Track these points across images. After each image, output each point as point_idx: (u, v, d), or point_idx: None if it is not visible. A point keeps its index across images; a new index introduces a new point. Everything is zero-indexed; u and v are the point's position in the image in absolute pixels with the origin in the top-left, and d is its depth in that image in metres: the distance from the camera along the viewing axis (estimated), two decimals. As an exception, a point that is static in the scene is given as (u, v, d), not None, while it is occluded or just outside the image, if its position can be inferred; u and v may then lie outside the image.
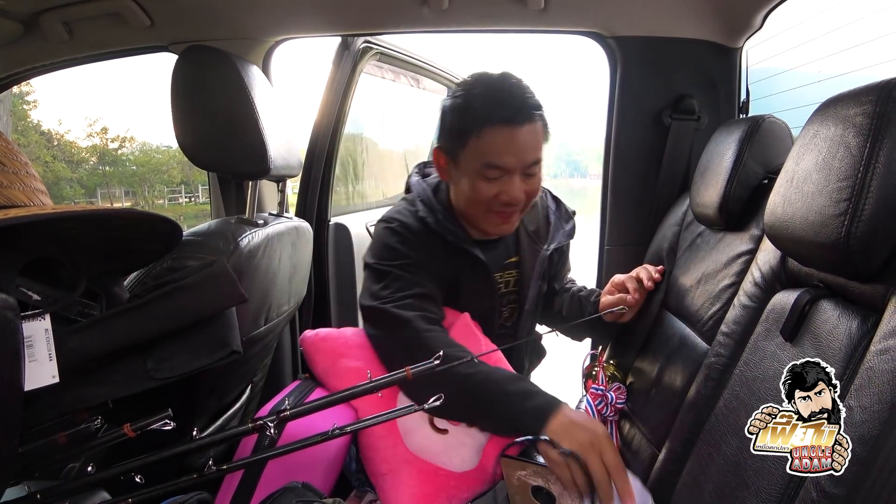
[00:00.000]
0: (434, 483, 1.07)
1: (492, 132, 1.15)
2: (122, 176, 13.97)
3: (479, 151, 1.16)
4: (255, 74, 1.28)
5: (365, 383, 0.80)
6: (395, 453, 1.10)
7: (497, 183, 1.17)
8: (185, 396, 1.18)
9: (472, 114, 1.16)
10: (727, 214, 1.14)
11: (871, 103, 0.70)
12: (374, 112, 2.65)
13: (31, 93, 12.06)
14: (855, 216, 0.69)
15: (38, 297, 0.73)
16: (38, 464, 0.73)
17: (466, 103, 1.18)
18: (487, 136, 1.15)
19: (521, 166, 1.17)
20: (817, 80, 4.37)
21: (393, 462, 1.09)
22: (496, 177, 1.17)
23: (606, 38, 1.60)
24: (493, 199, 1.18)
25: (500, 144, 1.15)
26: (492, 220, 1.23)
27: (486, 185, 1.18)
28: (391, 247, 1.23)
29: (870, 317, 0.72)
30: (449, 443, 1.11)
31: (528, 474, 1.04)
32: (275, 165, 1.25)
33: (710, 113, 1.57)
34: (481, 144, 1.16)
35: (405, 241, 1.23)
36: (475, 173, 1.18)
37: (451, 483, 1.09)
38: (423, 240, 1.24)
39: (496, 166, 1.16)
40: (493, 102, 1.15)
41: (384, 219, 1.29)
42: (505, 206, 1.19)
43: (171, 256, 1.07)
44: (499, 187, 1.18)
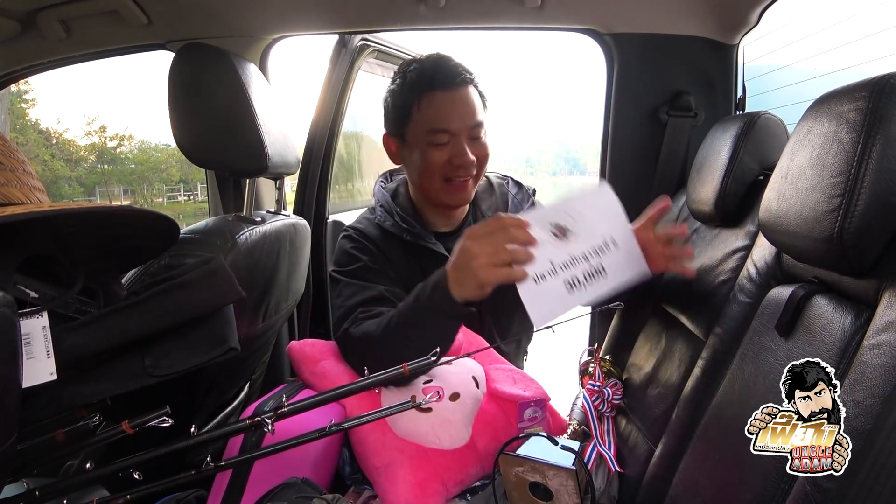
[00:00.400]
0: (427, 467, 1.08)
1: (430, 98, 1.23)
2: (121, 174, 13.94)
3: (422, 120, 1.24)
4: (253, 72, 1.28)
5: (363, 379, 0.81)
6: (385, 442, 1.10)
7: (446, 148, 1.24)
8: (183, 393, 1.19)
9: (409, 88, 1.25)
10: (723, 211, 1.14)
11: (864, 99, 0.70)
12: (372, 109, 2.64)
13: (29, 91, 12.02)
14: (848, 212, 0.69)
15: (35, 294, 0.74)
16: (36, 461, 0.74)
17: (402, 82, 1.27)
18: (426, 103, 1.24)
19: (465, 128, 1.24)
20: (813, 77, 4.37)
21: (384, 453, 1.10)
22: (444, 142, 1.24)
23: (603, 35, 1.60)
24: (445, 165, 1.24)
25: (440, 109, 1.23)
26: (449, 191, 1.28)
27: (436, 152, 1.24)
28: (347, 252, 1.30)
29: (863, 312, 0.72)
30: (434, 421, 1.11)
31: (525, 470, 1.05)
32: (272, 163, 1.26)
33: (706, 109, 1.58)
34: (423, 113, 1.24)
35: (359, 247, 1.30)
36: (424, 144, 1.24)
37: (443, 463, 1.09)
38: (379, 243, 1.31)
39: (441, 129, 1.23)
40: (426, 73, 1.24)
41: (344, 227, 1.37)
42: (458, 170, 1.25)
43: (169, 254, 1.08)
44: (449, 152, 1.24)
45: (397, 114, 1.28)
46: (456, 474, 1.10)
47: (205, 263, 0.84)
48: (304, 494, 0.88)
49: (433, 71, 1.24)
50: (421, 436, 1.11)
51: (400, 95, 1.27)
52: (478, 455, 1.12)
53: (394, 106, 1.28)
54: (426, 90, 1.23)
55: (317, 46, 1.96)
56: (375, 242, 1.31)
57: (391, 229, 1.31)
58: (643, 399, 1.23)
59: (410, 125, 1.26)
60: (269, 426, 0.77)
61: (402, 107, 1.26)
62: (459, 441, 1.12)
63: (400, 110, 1.27)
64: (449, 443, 1.11)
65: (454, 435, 1.12)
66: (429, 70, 1.25)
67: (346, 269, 1.27)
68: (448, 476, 1.09)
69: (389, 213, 1.33)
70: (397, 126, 1.29)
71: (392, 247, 1.32)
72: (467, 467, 1.11)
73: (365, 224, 1.35)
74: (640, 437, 1.20)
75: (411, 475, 1.07)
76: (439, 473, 1.09)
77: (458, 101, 1.24)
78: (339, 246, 1.34)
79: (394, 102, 1.28)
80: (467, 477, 1.12)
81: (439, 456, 1.10)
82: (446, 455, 1.10)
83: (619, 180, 1.66)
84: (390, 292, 1.23)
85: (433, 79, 1.23)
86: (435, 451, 1.10)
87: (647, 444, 1.17)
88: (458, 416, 1.13)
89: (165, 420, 0.73)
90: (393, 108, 1.29)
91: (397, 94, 1.27)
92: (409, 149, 1.28)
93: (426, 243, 1.31)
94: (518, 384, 1.20)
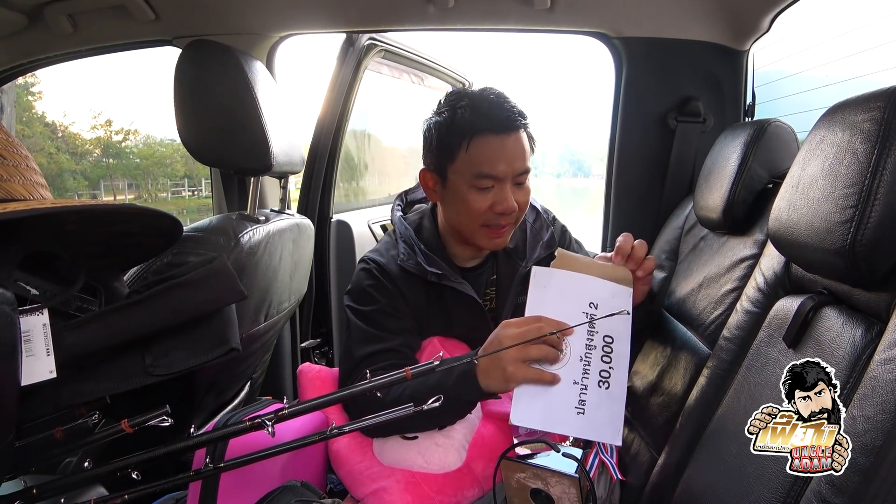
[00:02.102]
0: (417, 491, 1.06)
1: (481, 142, 1.15)
2: (126, 168, 13.96)
3: (469, 163, 1.16)
4: (259, 70, 1.27)
5: (364, 383, 0.80)
6: (372, 472, 1.10)
7: (490, 194, 1.17)
8: (183, 393, 1.19)
9: (459, 126, 1.16)
10: (731, 218, 1.13)
11: (879, 109, 0.69)
12: (378, 109, 2.64)
13: (36, 84, 12.04)
14: (861, 223, 0.68)
15: (36, 291, 0.73)
16: (34, 458, 0.73)
17: (452, 117, 1.17)
18: (477, 146, 1.15)
19: (511, 175, 1.17)
20: (824, 85, 4.34)
21: (372, 482, 1.09)
22: (488, 187, 1.16)
23: (612, 38, 1.59)
24: (487, 211, 1.17)
25: (490, 153, 1.15)
26: (486, 235, 1.21)
27: (478, 197, 1.17)
28: (364, 289, 1.23)
29: (874, 325, 0.71)
30: (421, 446, 1.10)
31: (527, 476, 1.04)
32: (277, 162, 1.25)
33: (715, 116, 1.57)
34: (471, 155, 1.15)
35: (377, 286, 1.22)
36: (467, 186, 1.17)
37: (434, 486, 1.07)
38: (399, 283, 1.23)
39: (488, 175, 1.15)
40: (480, 113, 1.16)
41: (365, 258, 1.29)
42: (499, 216, 1.18)
43: (171, 252, 1.07)
44: (492, 198, 1.17)
45: (441, 150, 1.19)
46: (450, 497, 1.08)
47: (207, 262, 0.84)
48: (303, 498, 0.87)
49: (487, 113, 1.15)
50: (409, 462, 1.09)
51: (447, 132, 1.17)
52: (475, 478, 1.11)
53: (438, 141, 1.19)
54: (477, 133, 1.15)
55: (324, 45, 1.96)
56: (395, 282, 1.23)
57: (413, 270, 1.23)
58: (647, 407, 1.22)
59: (454, 164, 1.17)
60: (269, 428, 0.76)
61: (447, 145, 1.17)
62: (450, 466, 1.10)
63: (445, 148, 1.18)
64: (439, 467, 1.09)
65: (444, 459, 1.10)
66: (483, 110, 1.16)
67: (360, 308, 1.21)
68: (441, 499, 1.08)
69: (412, 249, 1.25)
70: (440, 162, 1.20)
71: (412, 289, 1.24)
72: (463, 490, 1.09)
73: (386, 259, 1.26)
74: (643, 445, 1.19)
75: (400, 498, 1.05)
76: (431, 496, 1.07)
77: (509, 146, 1.15)
78: (356, 277, 1.27)
79: (439, 138, 1.19)
80: (464, 499, 1.10)
81: (430, 480, 1.08)
82: (437, 479, 1.08)
83: (627, 186, 1.65)
84: (403, 346, 1.18)
85: (487, 120, 1.15)
86: (425, 475, 1.08)
87: (649, 452, 1.16)
88: (447, 441, 1.11)
89: (165, 419, 0.72)
90: (438, 144, 1.20)
91: (444, 129, 1.18)
92: (449, 189, 1.20)
93: (451, 283, 1.25)
94: None
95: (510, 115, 1.16)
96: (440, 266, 1.23)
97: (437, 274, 1.23)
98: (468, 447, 1.12)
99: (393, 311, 1.21)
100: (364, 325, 1.19)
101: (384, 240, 1.34)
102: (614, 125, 1.66)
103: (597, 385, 0.97)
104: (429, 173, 1.24)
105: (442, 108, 1.20)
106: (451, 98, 1.20)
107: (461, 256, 1.30)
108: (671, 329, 1.25)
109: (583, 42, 1.67)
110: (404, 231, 1.29)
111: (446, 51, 2.52)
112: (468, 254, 1.30)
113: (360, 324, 1.20)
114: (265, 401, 1.21)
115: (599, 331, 0.99)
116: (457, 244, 1.29)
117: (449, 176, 1.19)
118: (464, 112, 1.16)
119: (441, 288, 1.25)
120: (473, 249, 1.29)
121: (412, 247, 1.25)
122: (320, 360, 1.92)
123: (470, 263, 1.32)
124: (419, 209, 1.37)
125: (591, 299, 1.01)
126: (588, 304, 1.01)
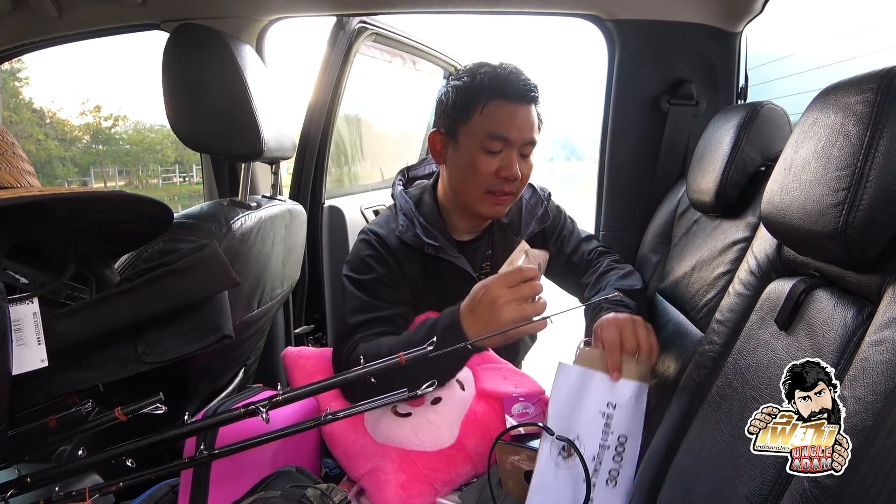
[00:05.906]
0: (411, 469, 1.08)
1: (497, 105, 1.21)
2: (116, 155, 13.80)
3: (483, 123, 1.21)
4: (249, 54, 1.26)
5: (358, 369, 0.80)
6: (366, 450, 1.11)
7: (497, 158, 1.22)
8: (176, 380, 1.18)
9: (479, 88, 1.22)
10: (723, 201, 1.13)
11: (871, 91, 0.69)
12: (370, 93, 2.62)
13: (23, 69, 11.83)
14: (853, 205, 0.68)
15: (25, 280, 0.72)
16: (28, 447, 0.73)
17: (472, 80, 1.23)
18: (493, 108, 1.21)
19: (520, 142, 1.22)
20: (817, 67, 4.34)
21: (367, 460, 1.11)
22: (497, 150, 1.21)
23: (605, 20, 1.58)
24: (492, 175, 1.22)
25: (504, 117, 1.21)
26: (487, 201, 1.25)
27: (486, 160, 1.21)
28: (362, 259, 1.27)
29: (865, 307, 0.71)
30: (414, 424, 1.12)
31: (521, 459, 1.05)
32: (268, 147, 1.24)
33: (708, 98, 1.56)
34: (486, 116, 1.21)
35: (375, 256, 1.27)
36: (477, 146, 1.22)
37: (428, 464, 1.09)
38: (398, 255, 1.28)
39: (500, 137, 1.20)
40: (499, 80, 1.22)
41: (365, 229, 1.33)
42: (503, 181, 1.23)
43: (162, 239, 1.07)
44: (499, 161, 1.22)
45: (457, 110, 1.24)
46: (443, 475, 1.10)
47: (199, 249, 0.83)
48: (298, 483, 0.87)
49: (506, 79, 1.22)
50: (403, 440, 1.11)
51: (466, 93, 1.23)
52: (467, 455, 1.12)
53: (455, 102, 1.24)
54: (495, 96, 1.21)
55: (314, 28, 1.93)
56: (394, 254, 1.27)
57: (411, 242, 1.27)
58: (639, 389, 1.23)
59: (468, 125, 1.23)
60: (263, 414, 0.76)
61: (465, 105, 1.23)
62: (443, 443, 1.12)
63: (461, 108, 1.23)
64: (431, 444, 1.11)
65: (437, 436, 1.12)
66: (502, 77, 1.22)
67: (358, 277, 1.25)
68: (435, 476, 1.09)
69: (411, 221, 1.29)
70: (452, 123, 1.25)
71: (410, 261, 1.28)
72: (456, 467, 1.11)
73: (386, 231, 1.31)
74: (636, 427, 1.20)
75: (395, 477, 1.07)
76: (425, 474, 1.09)
77: (522, 114, 1.22)
78: (356, 248, 1.31)
79: (456, 98, 1.24)
80: (457, 476, 1.12)
81: (423, 457, 1.10)
82: (431, 456, 1.10)
83: (619, 169, 1.65)
84: (397, 316, 1.21)
85: (505, 86, 1.21)
86: (418, 454, 1.10)
87: (642, 434, 1.17)
88: (439, 419, 1.13)
89: (159, 407, 0.72)
90: (454, 105, 1.25)
91: (462, 91, 1.24)
92: (458, 150, 1.25)
93: (448, 256, 1.29)
94: (508, 381, 1.21)
95: (526, 86, 1.23)
96: (437, 238, 1.28)
97: (434, 246, 1.27)
98: (461, 423, 1.14)
99: (389, 282, 1.25)
100: (360, 293, 1.23)
101: (384, 213, 1.38)
102: (607, 108, 1.65)
103: (604, 483, 1.01)
104: (439, 135, 1.29)
105: (462, 73, 1.27)
106: (472, 66, 1.27)
107: (459, 229, 1.35)
108: (664, 312, 1.26)
109: (575, 24, 1.66)
110: (404, 204, 1.33)
111: (438, 34, 2.50)
112: (466, 226, 1.35)
113: (357, 292, 1.23)
114: (256, 388, 1.22)
115: (615, 431, 1.03)
116: (456, 216, 1.33)
117: (460, 137, 1.24)
118: (483, 77, 1.23)
119: (437, 261, 1.29)
120: (472, 221, 1.34)
121: (412, 219, 1.30)
122: (314, 346, 1.92)
123: (467, 237, 1.36)
124: (420, 184, 1.42)
125: (611, 399, 1.04)
126: (606, 404, 1.04)
